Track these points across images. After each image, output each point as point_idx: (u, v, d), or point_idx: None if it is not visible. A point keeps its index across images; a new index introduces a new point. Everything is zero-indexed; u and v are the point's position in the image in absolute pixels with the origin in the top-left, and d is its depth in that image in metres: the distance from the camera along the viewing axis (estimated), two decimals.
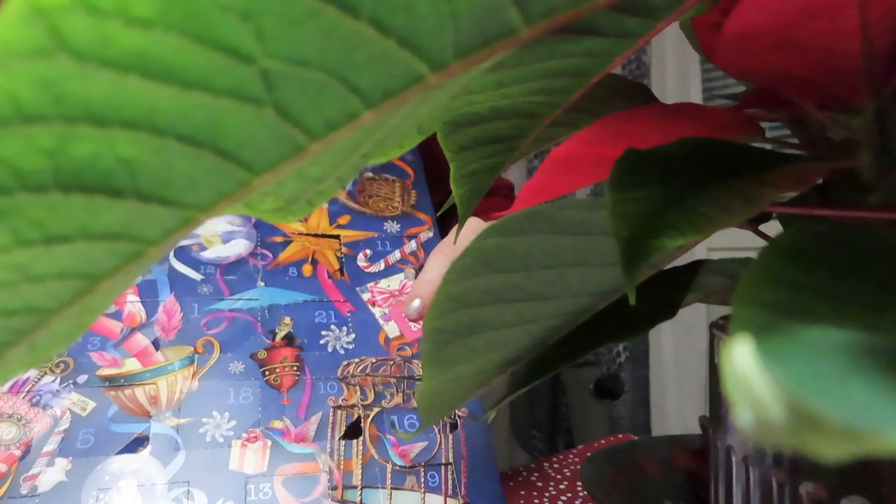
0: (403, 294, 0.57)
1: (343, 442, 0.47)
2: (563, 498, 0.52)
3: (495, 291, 0.21)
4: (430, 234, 0.61)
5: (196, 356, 0.49)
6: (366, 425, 0.48)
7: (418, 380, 0.48)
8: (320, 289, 0.56)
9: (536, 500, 0.51)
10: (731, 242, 0.49)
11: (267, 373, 0.49)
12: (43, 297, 0.11)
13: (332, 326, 0.53)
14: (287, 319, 0.53)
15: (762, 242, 0.21)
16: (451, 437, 0.48)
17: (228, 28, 0.09)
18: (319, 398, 0.49)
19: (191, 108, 0.09)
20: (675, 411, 1.66)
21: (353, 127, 0.11)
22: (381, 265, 0.59)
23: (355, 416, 0.49)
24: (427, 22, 0.10)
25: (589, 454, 0.46)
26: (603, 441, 0.68)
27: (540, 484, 0.55)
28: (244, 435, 0.46)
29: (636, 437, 0.52)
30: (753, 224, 0.25)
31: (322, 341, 0.52)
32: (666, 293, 0.23)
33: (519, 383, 0.23)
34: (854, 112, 0.20)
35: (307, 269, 0.57)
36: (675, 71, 1.81)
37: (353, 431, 0.48)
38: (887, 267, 0.13)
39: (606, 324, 0.22)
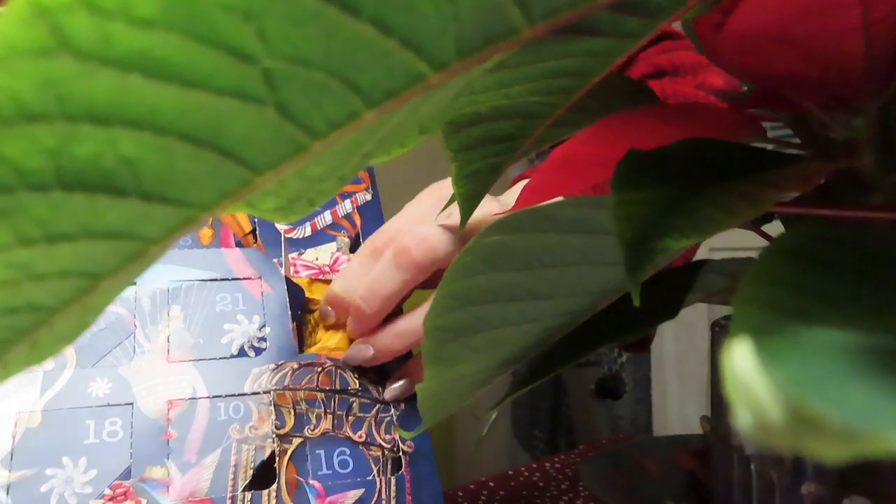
0: (336, 270, 0.44)
1: (249, 494, 0.34)
2: (565, 498, 0.52)
3: (496, 290, 0.21)
4: (368, 197, 0.47)
5: (42, 373, 0.34)
6: (281, 466, 0.35)
7: (352, 394, 0.38)
8: (223, 262, 0.40)
9: (538, 500, 0.51)
10: (733, 242, 0.48)
11: (144, 393, 0.35)
12: (45, 295, 0.11)
13: (240, 316, 0.39)
14: (175, 310, 0.38)
15: (764, 242, 0.21)
16: (393, 480, 0.37)
17: (230, 28, 0.09)
18: (218, 427, 0.35)
19: (192, 108, 0.09)
20: (676, 411, 1.65)
21: (354, 126, 0.11)
22: (307, 229, 0.45)
23: (267, 452, 0.35)
24: (429, 22, 0.10)
25: (590, 454, 0.46)
26: (605, 441, 0.68)
27: (541, 484, 0.55)
28: (107, 492, 0.32)
29: (638, 437, 0.52)
30: (755, 224, 0.25)
31: (224, 339, 0.38)
32: (667, 293, 0.23)
33: (520, 383, 0.23)
34: (856, 112, 0.20)
35: (206, 234, 0.41)
36: None
37: (263, 476, 0.35)
38: (888, 267, 0.13)
39: (607, 323, 0.22)
